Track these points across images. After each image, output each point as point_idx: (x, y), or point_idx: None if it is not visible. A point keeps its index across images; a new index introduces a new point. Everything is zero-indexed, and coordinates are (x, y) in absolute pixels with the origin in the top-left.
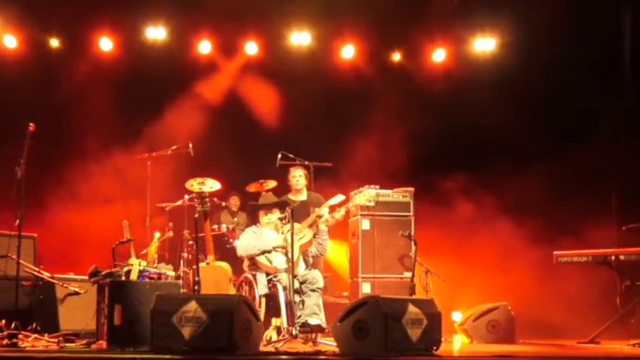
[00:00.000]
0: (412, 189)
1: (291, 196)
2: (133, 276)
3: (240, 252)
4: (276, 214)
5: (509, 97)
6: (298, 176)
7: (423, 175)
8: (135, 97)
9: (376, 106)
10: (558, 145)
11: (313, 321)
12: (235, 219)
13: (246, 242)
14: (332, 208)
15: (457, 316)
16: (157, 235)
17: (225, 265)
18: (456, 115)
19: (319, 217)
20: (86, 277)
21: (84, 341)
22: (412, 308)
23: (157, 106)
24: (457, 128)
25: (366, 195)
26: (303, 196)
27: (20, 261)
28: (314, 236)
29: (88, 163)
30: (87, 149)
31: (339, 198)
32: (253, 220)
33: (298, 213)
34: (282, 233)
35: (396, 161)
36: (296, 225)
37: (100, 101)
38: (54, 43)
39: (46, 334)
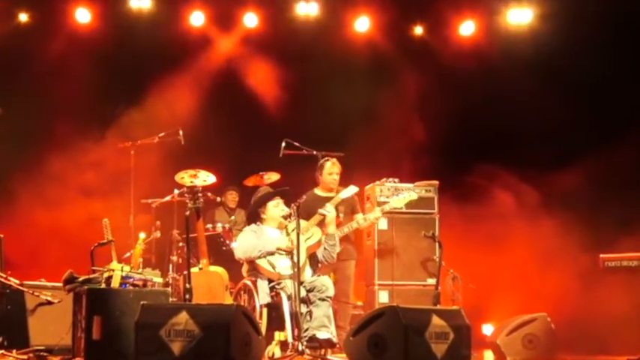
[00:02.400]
0: (436, 182)
1: (321, 193)
2: (115, 283)
3: (238, 254)
4: (284, 206)
5: (549, 78)
6: (336, 173)
7: (449, 166)
8: (117, 76)
9: (394, 87)
10: (606, 133)
11: (322, 335)
12: (232, 217)
13: (246, 243)
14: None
15: (488, 330)
16: (142, 235)
17: (220, 270)
18: (486, 98)
19: (324, 215)
20: (60, 284)
21: (58, 358)
22: (437, 320)
23: (143, 87)
24: (487, 113)
25: (408, 197)
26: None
27: None
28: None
29: (62, 153)
30: (62, 137)
31: (351, 190)
32: (252, 219)
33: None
34: (287, 233)
35: (417, 150)
36: (302, 223)
37: (76, 82)
38: (23, 17)
39: (14, 350)
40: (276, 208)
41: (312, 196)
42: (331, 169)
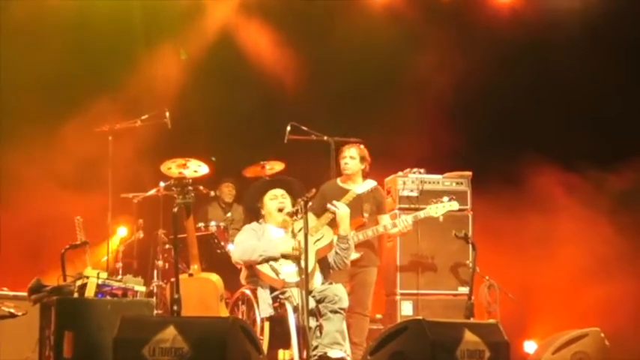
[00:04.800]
0: (469, 173)
1: (340, 183)
2: (90, 292)
3: (235, 257)
4: (287, 199)
5: (604, 52)
6: (349, 157)
7: (484, 154)
8: (91, 49)
9: (419, 61)
10: None
11: (334, 353)
12: (228, 214)
13: (244, 244)
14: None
15: (531, 347)
16: (123, 233)
17: (214, 277)
18: (527, 75)
19: (332, 212)
20: (25, 294)
21: None
22: (470, 336)
23: (122, 61)
24: (529, 92)
25: (448, 207)
26: (356, 186)
27: None
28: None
29: (26, 140)
30: (25, 120)
31: (368, 185)
32: (252, 217)
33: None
34: (294, 234)
35: (446, 135)
36: (311, 222)
37: (43, 56)
38: None
39: None
40: (273, 201)
41: (332, 186)
42: (343, 152)
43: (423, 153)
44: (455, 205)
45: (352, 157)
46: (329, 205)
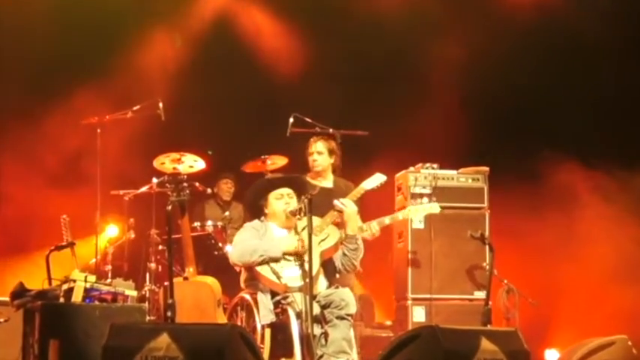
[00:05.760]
0: (486, 169)
1: (312, 180)
2: (77, 297)
3: (232, 258)
4: (293, 199)
5: (629, 40)
6: (317, 152)
7: (501, 148)
8: (79, 35)
9: (433, 46)
10: None
11: None
12: (226, 213)
13: (244, 243)
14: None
15: (553, 356)
16: (113, 232)
17: (211, 280)
18: (547, 66)
19: (339, 210)
20: (7, 299)
21: None
22: (486, 344)
23: (112, 47)
24: (550, 84)
25: (428, 209)
26: (327, 182)
27: None
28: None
29: (8, 132)
30: (7, 112)
31: (378, 179)
32: (253, 214)
33: (317, 206)
34: (297, 233)
35: (461, 127)
36: (315, 220)
37: (27, 42)
38: None
39: None
40: (278, 200)
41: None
42: (310, 147)
43: (437, 147)
44: (436, 208)
45: (319, 152)
46: (335, 202)
